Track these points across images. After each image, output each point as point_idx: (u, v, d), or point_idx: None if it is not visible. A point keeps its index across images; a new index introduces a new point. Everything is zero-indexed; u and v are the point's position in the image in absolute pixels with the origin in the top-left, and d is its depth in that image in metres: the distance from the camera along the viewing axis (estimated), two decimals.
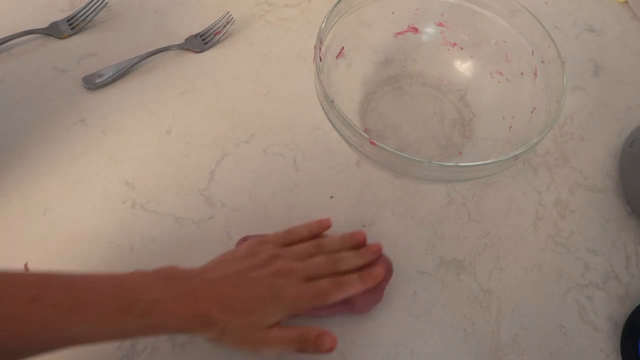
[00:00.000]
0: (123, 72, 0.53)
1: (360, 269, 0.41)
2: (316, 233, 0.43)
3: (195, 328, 0.34)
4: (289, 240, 0.42)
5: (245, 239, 0.43)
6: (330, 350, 0.36)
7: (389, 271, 0.42)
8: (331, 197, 0.48)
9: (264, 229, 0.45)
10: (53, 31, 0.55)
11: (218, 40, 0.57)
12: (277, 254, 0.39)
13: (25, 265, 0.43)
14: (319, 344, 0.36)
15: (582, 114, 0.57)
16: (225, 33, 0.57)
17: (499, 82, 0.52)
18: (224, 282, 0.37)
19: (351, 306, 0.41)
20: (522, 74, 0.50)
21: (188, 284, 0.35)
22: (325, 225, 0.44)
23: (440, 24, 0.53)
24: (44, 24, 0.55)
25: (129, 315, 0.32)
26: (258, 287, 0.37)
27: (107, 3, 0.57)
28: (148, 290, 0.33)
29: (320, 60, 0.43)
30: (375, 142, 0.39)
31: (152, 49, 0.55)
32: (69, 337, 0.31)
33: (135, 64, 0.54)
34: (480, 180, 0.49)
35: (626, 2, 0.67)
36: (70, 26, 0.56)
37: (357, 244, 0.42)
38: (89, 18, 0.56)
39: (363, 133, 0.39)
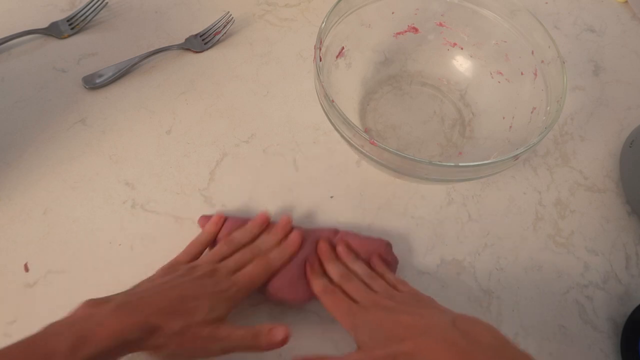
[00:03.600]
0: (123, 72, 0.53)
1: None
2: (257, 234, 0.43)
3: (136, 340, 0.32)
4: (226, 252, 0.41)
5: (206, 217, 0.44)
6: (283, 341, 0.35)
7: (394, 262, 0.44)
8: (331, 197, 0.48)
9: None
10: (53, 31, 0.55)
11: (218, 40, 0.57)
12: (194, 265, 0.39)
13: (25, 265, 0.43)
14: (272, 335, 0.35)
15: (582, 114, 0.57)
16: (225, 33, 0.57)
17: (499, 82, 0.52)
18: (154, 290, 0.35)
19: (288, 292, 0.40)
20: (522, 74, 0.50)
21: (114, 303, 0.33)
22: (262, 220, 0.44)
23: (440, 24, 0.53)
24: (44, 24, 0.55)
25: None
26: (191, 287, 0.36)
27: (107, 3, 0.57)
28: (64, 334, 0.30)
29: (320, 60, 0.43)
30: (375, 142, 0.39)
31: (152, 49, 0.55)
32: None
33: (135, 64, 0.54)
34: (480, 180, 0.49)
35: (626, 2, 0.67)
36: (70, 26, 0.56)
37: (285, 230, 0.43)
38: (89, 18, 0.56)
39: (363, 133, 0.39)
